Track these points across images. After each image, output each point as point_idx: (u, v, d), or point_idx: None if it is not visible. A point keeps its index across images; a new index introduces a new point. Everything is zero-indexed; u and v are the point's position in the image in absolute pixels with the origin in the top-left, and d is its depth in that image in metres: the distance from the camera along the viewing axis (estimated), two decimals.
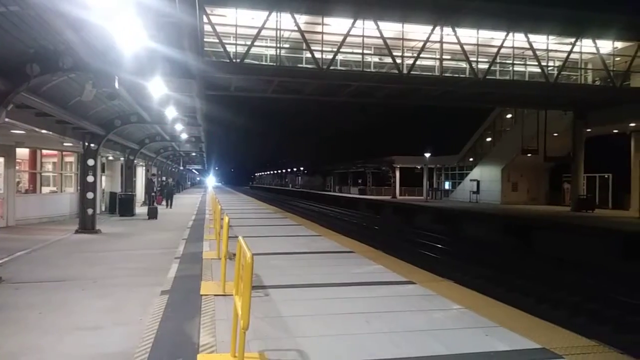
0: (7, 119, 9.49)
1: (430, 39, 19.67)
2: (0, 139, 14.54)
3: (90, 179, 14.31)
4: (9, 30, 7.25)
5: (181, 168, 59.27)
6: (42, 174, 18.30)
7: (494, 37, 20.84)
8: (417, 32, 20.04)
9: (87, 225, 14.17)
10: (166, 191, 28.56)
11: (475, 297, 6.27)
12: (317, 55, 18.90)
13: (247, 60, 18.40)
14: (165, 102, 14.05)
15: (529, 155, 29.13)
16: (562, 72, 22.15)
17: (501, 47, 20.43)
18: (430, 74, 21.05)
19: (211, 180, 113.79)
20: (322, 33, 19.15)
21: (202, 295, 6.10)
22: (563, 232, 18.70)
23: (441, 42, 20.15)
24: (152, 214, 19.49)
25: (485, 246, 20.43)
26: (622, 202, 27.96)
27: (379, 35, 18.99)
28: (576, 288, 12.47)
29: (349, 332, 4.71)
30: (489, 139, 38.75)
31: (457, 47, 20.13)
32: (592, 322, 10.07)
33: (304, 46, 18.90)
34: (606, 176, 29.73)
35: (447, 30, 19.81)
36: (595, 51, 21.83)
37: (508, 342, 4.46)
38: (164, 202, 27.77)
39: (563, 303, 11.40)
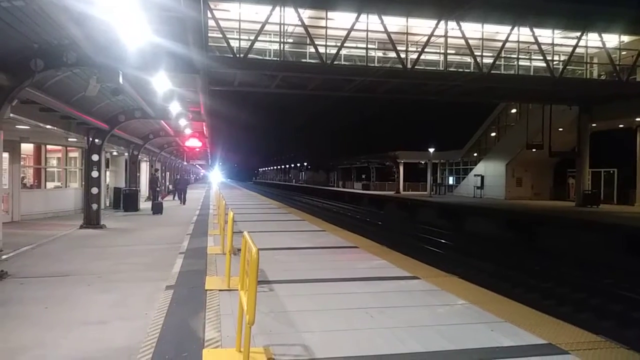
0: (11, 115, 9.52)
1: (434, 34, 19.54)
2: (5, 134, 14.56)
3: (94, 174, 14.34)
4: (13, 25, 7.25)
5: (185, 163, 59.28)
6: (47, 169, 18.37)
7: (499, 31, 20.65)
8: (421, 26, 19.88)
9: (91, 220, 14.21)
10: (179, 187, 28.31)
11: (480, 292, 6.25)
12: (321, 50, 18.80)
13: (250, 55, 18.34)
14: (170, 97, 14.04)
15: (534, 150, 28.98)
16: (568, 67, 21.92)
17: (506, 41, 20.23)
18: (434, 68, 20.89)
19: (215, 175, 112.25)
20: (326, 28, 19.05)
21: (206, 290, 6.12)
22: (568, 228, 18.63)
23: (446, 36, 19.98)
24: (157, 209, 19.51)
25: (489, 241, 20.39)
26: (628, 198, 27.84)
27: (382, 29, 18.86)
28: (581, 283, 12.44)
29: (353, 327, 4.72)
30: (493, 134, 38.57)
31: (462, 41, 19.96)
32: (597, 317, 10.04)
33: (308, 41, 18.80)
34: (611, 171, 29.54)
35: (452, 24, 19.68)
36: (601, 45, 21.61)
37: (514, 337, 4.45)
38: (169, 197, 27.67)
39: (568, 298, 11.38)
